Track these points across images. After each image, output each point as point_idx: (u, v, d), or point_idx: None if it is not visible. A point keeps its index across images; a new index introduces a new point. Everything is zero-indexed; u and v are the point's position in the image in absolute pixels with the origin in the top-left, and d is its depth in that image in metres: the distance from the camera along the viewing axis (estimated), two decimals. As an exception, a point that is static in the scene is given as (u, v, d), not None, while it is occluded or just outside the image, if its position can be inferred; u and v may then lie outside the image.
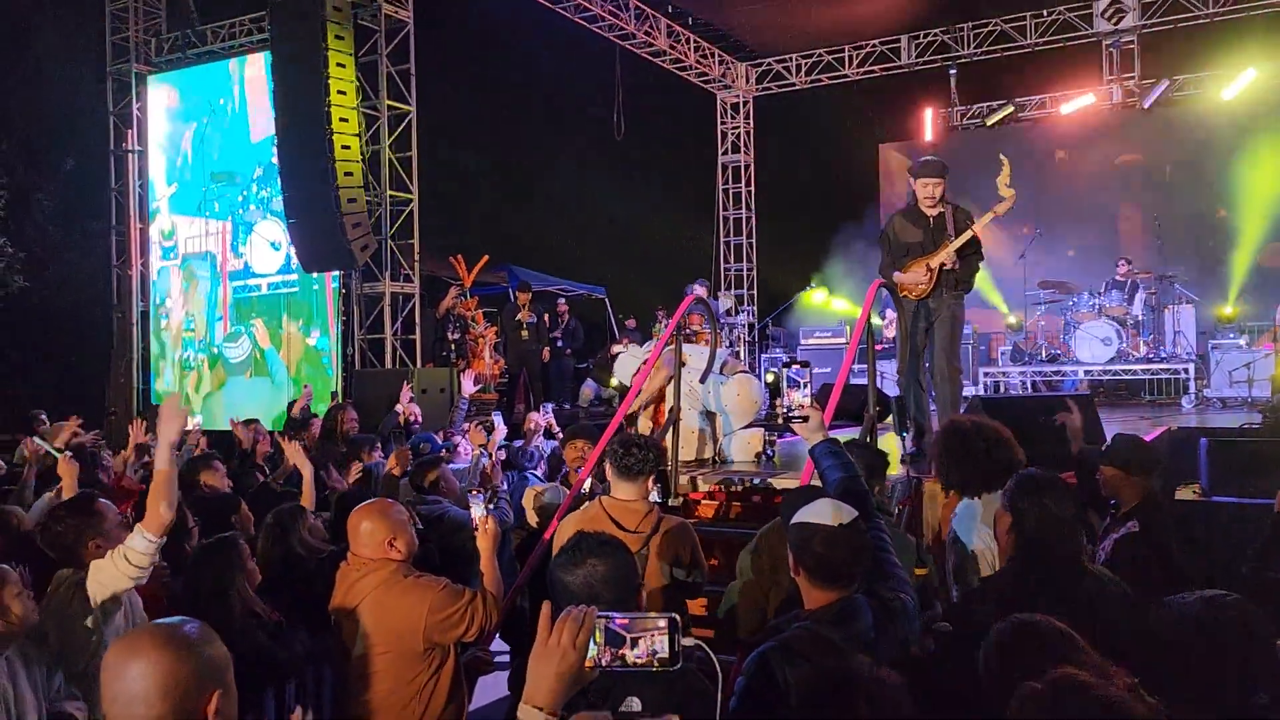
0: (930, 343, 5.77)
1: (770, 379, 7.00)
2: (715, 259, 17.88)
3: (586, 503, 3.78)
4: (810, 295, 16.38)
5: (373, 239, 10.92)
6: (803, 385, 3.01)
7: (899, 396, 5.96)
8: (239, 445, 6.78)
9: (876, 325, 11.34)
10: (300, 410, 8.23)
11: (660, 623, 1.61)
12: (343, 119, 10.43)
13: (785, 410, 3.04)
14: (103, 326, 14.05)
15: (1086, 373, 11.58)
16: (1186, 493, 6.02)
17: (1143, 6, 14.38)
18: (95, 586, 2.91)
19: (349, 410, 7.35)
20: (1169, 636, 2.15)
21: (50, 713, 2.67)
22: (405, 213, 11.72)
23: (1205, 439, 6.47)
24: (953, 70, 16.06)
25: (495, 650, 3.72)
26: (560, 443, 5.54)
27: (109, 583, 2.91)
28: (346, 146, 10.45)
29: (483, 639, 3.35)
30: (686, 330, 8.19)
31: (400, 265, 11.78)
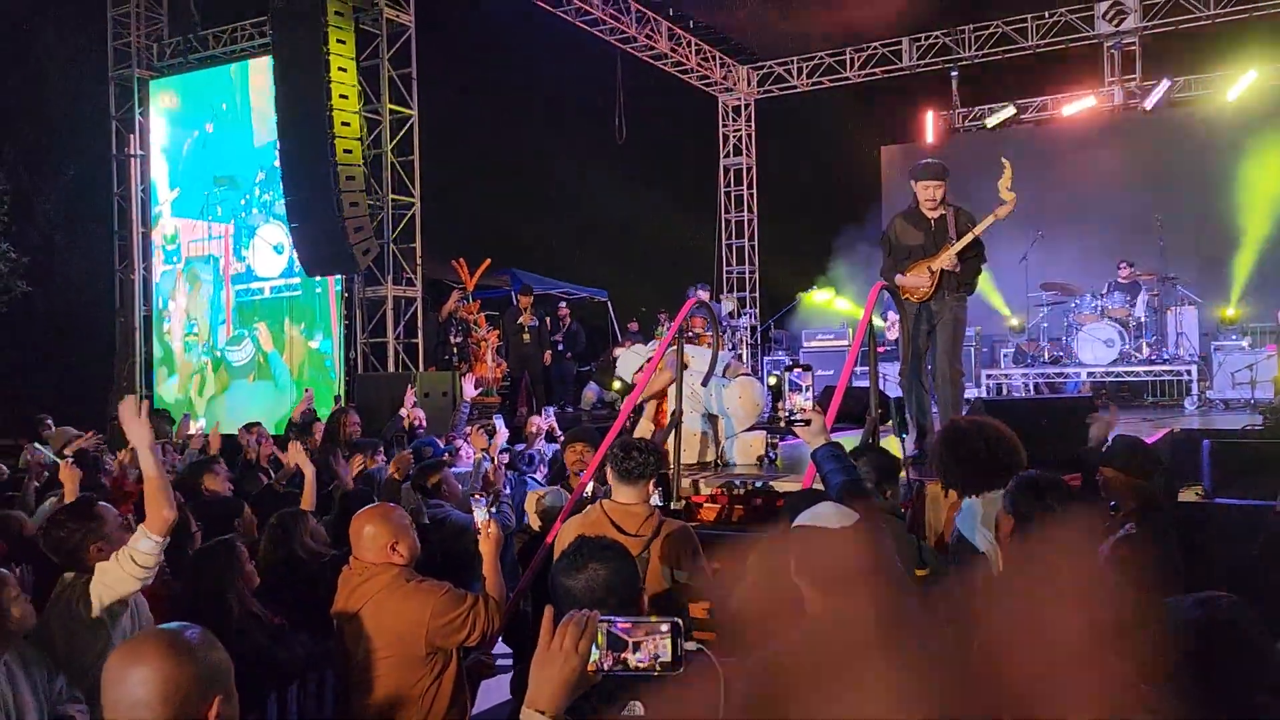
0: (932, 345, 5.76)
1: (772, 382, 7.01)
2: (717, 262, 17.89)
3: (588, 506, 3.78)
4: (811, 296, 16.36)
5: (375, 243, 10.94)
6: (804, 389, 3.02)
7: (899, 398, 5.96)
8: (244, 449, 6.79)
9: (879, 327, 11.33)
10: (302, 414, 8.24)
11: (662, 627, 1.61)
12: (344, 123, 10.45)
13: (787, 414, 3.04)
14: (105, 330, 14.06)
15: (1089, 374, 11.55)
16: (1189, 494, 6.02)
17: (1144, 8, 14.40)
18: (102, 589, 2.92)
19: (351, 414, 7.36)
20: (1167, 638, 2.14)
21: (52, 716, 2.67)
22: (407, 216, 11.73)
23: (1208, 441, 6.48)
24: (954, 72, 16.06)
25: (498, 654, 3.72)
26: (560, 446, 5.54)
27: (115, 585, 2.92)
28: (348, 150, 10.47)
29: (485, 643, 3.35)
30: (689, 333, 8.18)
31: (402, 269, 11.79)
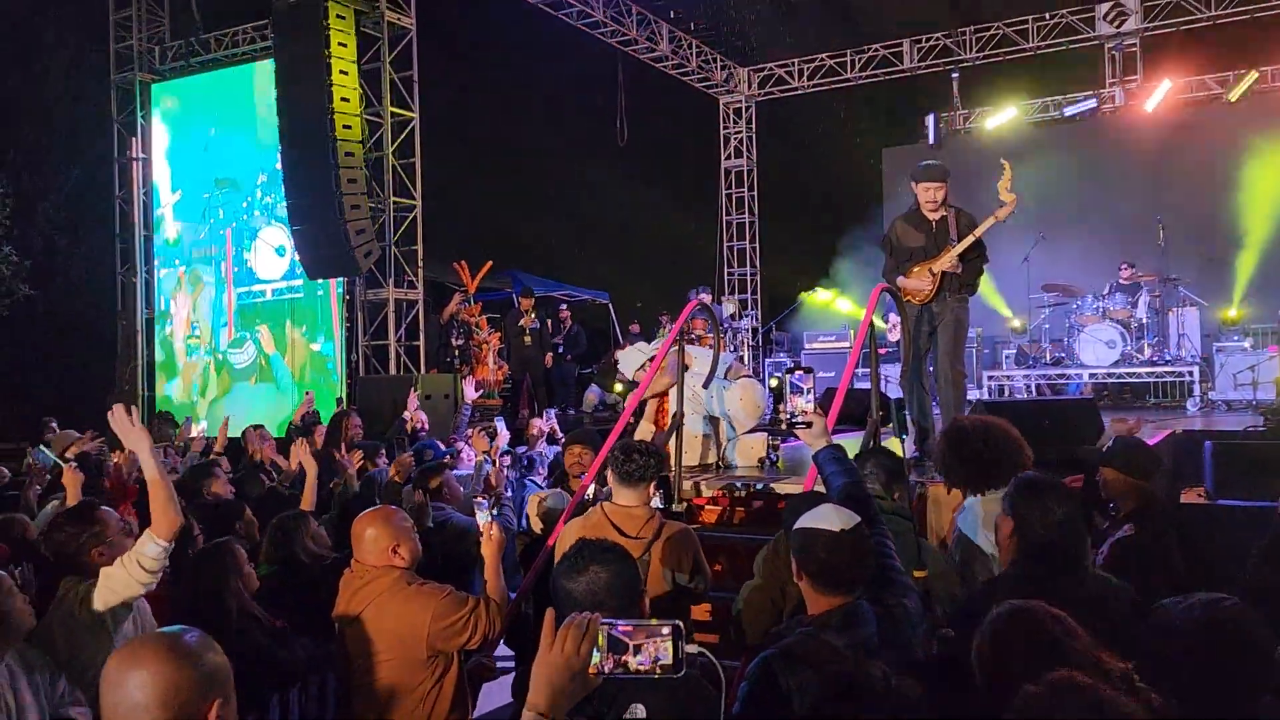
0: (934, 346, 5.76)
1: (774, 384, 6.99)
2: (718, 264, 17.89)
3: (589, 509, 3.78)
4: (813, 296, 16.36)
5: (376, 245, 10.94)
6: (805, 391, 3.02)
7: (899, 399, 5.95)
8: (247, 451, 6.79)
9: (880, 329, 11.31)
10: (303, 417, 8.24)
11: (664, 629, 1.60)
12: (346, 126, 10.46)
13: (788, 416, 3.04)
14: (107, 333, 14.07)
15: (1091, 376, 11.54)
16: (1191, 496, 6.00)
17: (1145, 10, 14.39)
18: (106, 593, 2.92)
19: (353, 416, 7.36)
20: (1167, 639, 2.14)
21: (53, 718, 2.67)
22: (409, 219, 11.73)
23: (1210, 442, 6.47)
24: (955, 74, 16.06)
25: (499, 656, 3.72)
26: (560, 448, 5.54)
27: (121, 589, 2.92)
28: (350, 153, 10.48)
29: (486, 646, 3.35)
30: (690, 335, 8.19)
31: (404, 271, 11.79)
